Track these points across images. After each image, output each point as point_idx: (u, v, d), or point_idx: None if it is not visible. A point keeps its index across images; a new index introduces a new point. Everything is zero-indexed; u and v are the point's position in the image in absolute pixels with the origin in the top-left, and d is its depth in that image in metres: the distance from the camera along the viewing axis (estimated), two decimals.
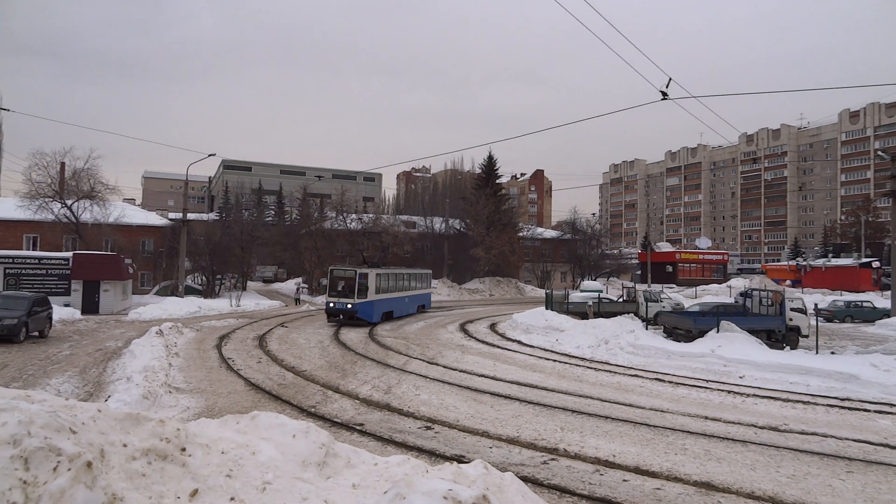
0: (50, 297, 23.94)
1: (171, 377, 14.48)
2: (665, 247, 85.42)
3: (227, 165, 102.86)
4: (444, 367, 17.04)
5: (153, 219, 49.33)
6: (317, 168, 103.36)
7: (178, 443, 4.14)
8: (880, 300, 40.73)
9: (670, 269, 74.02)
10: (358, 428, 10.58)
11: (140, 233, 46.83)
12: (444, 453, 9.14)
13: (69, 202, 39.99)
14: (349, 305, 26.80)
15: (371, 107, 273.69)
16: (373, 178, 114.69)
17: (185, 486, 3.87)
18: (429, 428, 10.75)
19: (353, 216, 53.94)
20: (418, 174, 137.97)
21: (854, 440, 10.45)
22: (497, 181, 62.46)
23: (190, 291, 41.69)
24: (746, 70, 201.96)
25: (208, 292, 45.01)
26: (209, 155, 40.27)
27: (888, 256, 41.39)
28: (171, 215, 52.31)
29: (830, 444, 10.22)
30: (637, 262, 78.37)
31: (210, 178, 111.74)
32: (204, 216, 64.20)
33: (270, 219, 72.73)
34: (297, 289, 44.09)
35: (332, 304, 27.25)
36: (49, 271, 32.11)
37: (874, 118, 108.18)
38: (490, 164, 61.54)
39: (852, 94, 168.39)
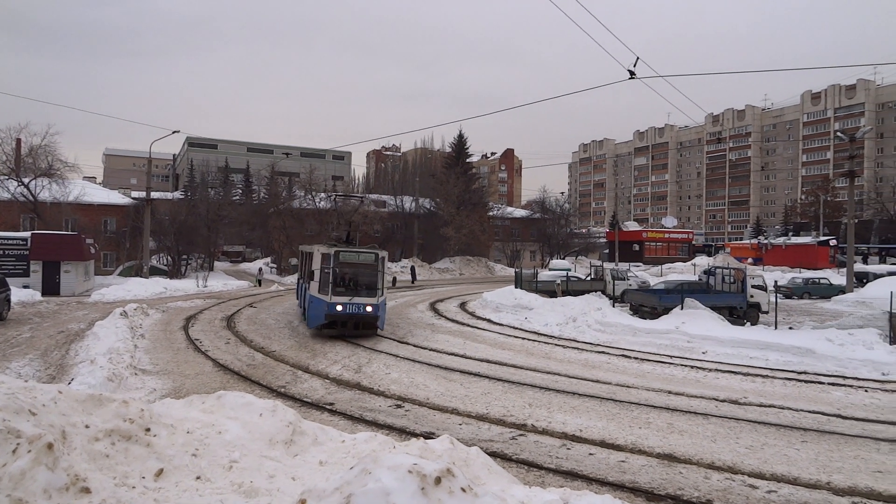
0: (8, 279, 23.21)
1: (136, 359, 14.24)
2: (632, 226, 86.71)
3: (193, 143, 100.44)
4: (415, 346, 17.11)
5: (115, 197, 48.03)
6: (285, 146, 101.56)
7: (143, 423, 4.09)
8: (836, 277, 42.05)
9: (637, 247, 75.20)
10: (328, 407, 10.59)
11: (102, 212, 45.59)
12: (414, 430, 9.21)
13: (26, 180, 38.66)
14: (369, 308, 17.38)
15: (342, 84, 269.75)
16: (342, 157, 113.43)
17: (150, 466, 3.83)
18: (399, 406, 10.81)
19: (324, 195, 53.38)
20: (388, 153, 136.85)
21: (809, 411, 10.86)
22: (467, 160, 62.37)
23: (155, 272, 40.88)
24: (715, 50, 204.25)
25: (174, 273, 44.20)
26: (173, 132, 39.22)
27: (845, 235, 42.79)
28: (135, 194, 51.00)
29: (787, 415, 10.60)
30: (605, 240, 79.40)
31: (175, 155, 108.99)
32: (168, 195, 62.78)
33: (237, 198, 71.56)
34: (260, 269, 43.47)
35: (339, 308, 17.20)
36: (6, 252, 31.07)
37: (835, 100, 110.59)
38: (460, 143, 61.33)
39: (815, 75, 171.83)
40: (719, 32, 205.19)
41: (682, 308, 20.57)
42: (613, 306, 23.86)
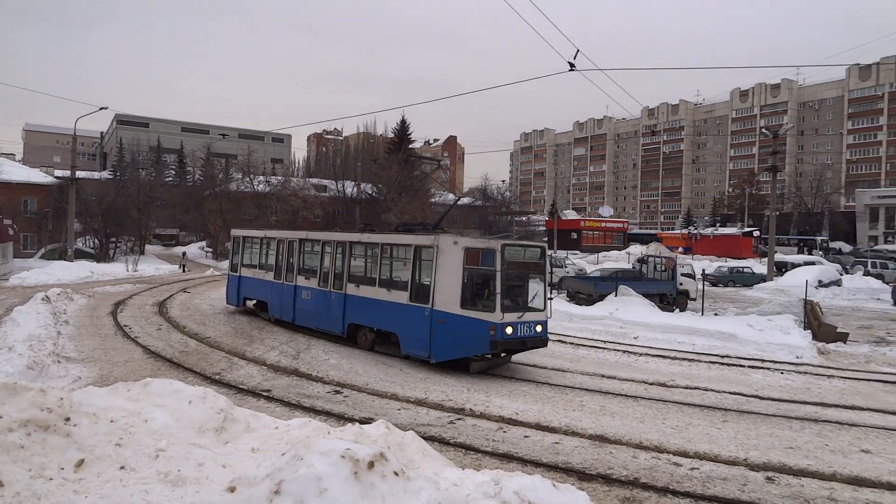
0: None
1: (60, 346, 13.53)
2: (571, 214, 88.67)
3: (122, 120, 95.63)
4: None
5: (37, 176, 45.31)
6: (221, 126, 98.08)
7: (62, 413, 3.88)
8: (758, 266, 44.31)
9: (575, 235, 76.94)
10: (265, 394, 10.39)
11: (22, 191, 42.93)
12: (353, 416, 9.16)
13: None
14: (539, 328, 12.27)
15: (284, 65, 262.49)
16: (282, 139, 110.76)
17: (70, 457, 3.65)
18: (338, 392, 10.73)
19: (261, 178, 52.03)
20: (330, 136, 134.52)
21: (730, 393, 11.44)
22: (410, 146, 62.16)
23: (81, 255, 38.86)
24: (651, 48, 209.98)
25: (102, 256, 42.18)
26: (101, 108, 37.05)
27: (767, 226, 45.23)
28: (58, 173, 48.28)
29: (710, 396, 11.13)
30: (544, 228, 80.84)
31: (102, 133, 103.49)
32: (95, 174, 59.76)
33: (171, 179, 68.81)
34: (183, 254, 41.75)
35: (509, 330, 11.50)
36: None
37: (761, 97, 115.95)
38: (403, 128, 61.00)
39: (744, 74, 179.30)
40: (656, 30, 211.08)
41: (616, 295, 21.22)
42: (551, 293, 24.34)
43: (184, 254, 41.89)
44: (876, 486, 7.08)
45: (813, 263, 40.98)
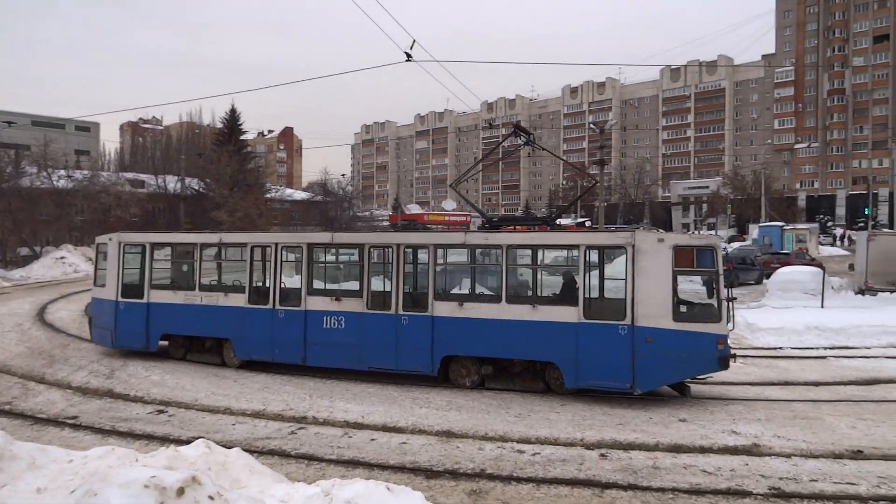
0: None
1: None
2: (414, 209, 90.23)
3: None
4: None
5: None
6: (9, 112, 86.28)
7: None
8: None
9: (421, 229, 78.44)
10: (70, 422, 9.32)
11: None
12: (180, 437, 8.52)
13: None
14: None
15: (91, 43, 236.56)
16: (88, 128, 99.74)
17: None
18: (161, 411, 9.94)
19: (62, 172, 46.58)
20: (147, 125, 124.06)
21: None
22: (242, 137, 59.22)
23: None
24: (493, 41, 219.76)
25: None
26: None
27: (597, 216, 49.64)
28: None
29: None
30: (388, 223, 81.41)
31: None
32: None
33: None
34: None
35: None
36: None
37: (589, 94, 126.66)
38: (233, 118, 57.91)
39: (577, 71, 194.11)
40: (494, 27, 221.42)
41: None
42: None
43: None
44: (691, 451, 8.03)
45: None
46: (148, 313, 13.54)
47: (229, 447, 4.56)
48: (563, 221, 72.85)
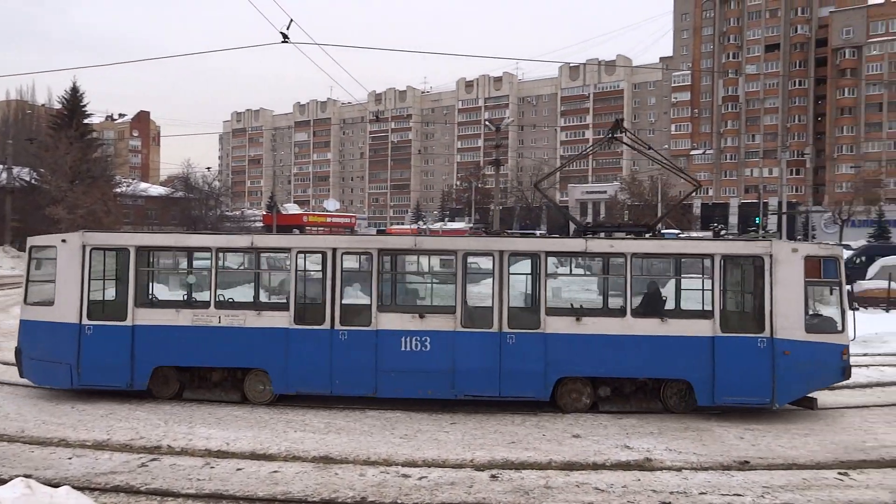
0: None
1: None
2: (292, 208, 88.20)
3: None
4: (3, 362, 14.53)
5: None
6: None
7: None
8: None
9: (297, 232, 76.74)
10: None
11: None
12: (0, 476, 7.85)
13: None
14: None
15: None
16: None
17: None
18: None
19: None
20: None
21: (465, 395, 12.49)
22: (85, 121, 55.74)
23: None
24: (382, 27, 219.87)
25: None
26: None
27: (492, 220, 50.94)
28: None
29: (440, 401, 12.04)
30: (262, 224, 79.22)
31: None
32: None
33: None
34: None
35: None
36: None
37: (486, 89, 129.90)
38: (75, 98, 54.38)
39: (472, 64, 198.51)
40: (386, 13, 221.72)
41: None
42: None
43: None
44: (584, 468, 8.46)
45: None
46: (133, 340, 11.39)
47: (59, 486, 4.27)
48: (457, 225, 74.34)
